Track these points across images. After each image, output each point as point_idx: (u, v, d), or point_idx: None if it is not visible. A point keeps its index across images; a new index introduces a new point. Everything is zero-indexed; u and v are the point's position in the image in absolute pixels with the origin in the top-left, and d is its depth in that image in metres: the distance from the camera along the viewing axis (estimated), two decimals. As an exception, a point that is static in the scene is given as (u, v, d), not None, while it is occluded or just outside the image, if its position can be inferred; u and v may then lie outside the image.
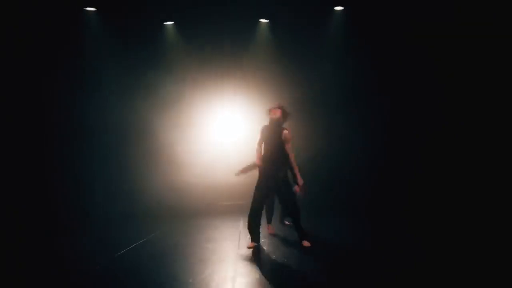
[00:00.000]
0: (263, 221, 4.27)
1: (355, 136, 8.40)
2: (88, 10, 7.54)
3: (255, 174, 4.21)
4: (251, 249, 3.95)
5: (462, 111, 7.29)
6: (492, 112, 6.91)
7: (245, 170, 4.24)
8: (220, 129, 8.23)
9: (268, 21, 8.03)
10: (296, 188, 4.11)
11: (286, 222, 5.12)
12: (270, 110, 4.22)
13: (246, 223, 4.10)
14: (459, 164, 7.18)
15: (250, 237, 4.10)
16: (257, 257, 3.69)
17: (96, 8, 7.50)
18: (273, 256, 3.66)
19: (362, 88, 8.42)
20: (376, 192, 7.88)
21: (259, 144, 4.25)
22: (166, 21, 7.90)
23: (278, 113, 4.17)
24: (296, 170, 4.08)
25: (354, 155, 8.37)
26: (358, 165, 8.35)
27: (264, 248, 4.06)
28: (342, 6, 7.80)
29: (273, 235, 4.74)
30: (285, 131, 4.10)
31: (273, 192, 4.21)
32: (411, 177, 7.71)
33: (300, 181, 4.06)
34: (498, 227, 5.02)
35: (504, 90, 6.74)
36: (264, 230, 4.55)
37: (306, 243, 4.00)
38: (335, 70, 8.09)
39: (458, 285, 2.82)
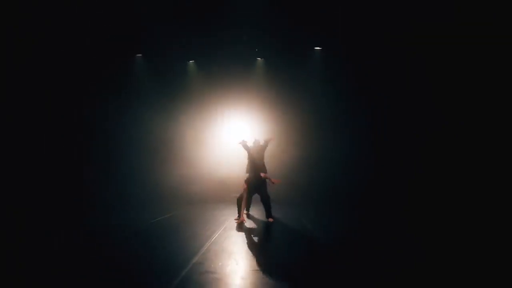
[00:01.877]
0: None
1: (355, 136, 8.42)
2: (136, 56, 10.58)
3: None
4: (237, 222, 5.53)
5: (462, 111, 7.29)
6: (492, 112, 6.91)
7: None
8: (229, 138, 10.16)
9: (262, 59, 10.65)
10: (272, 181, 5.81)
11: (270, 220, 5.78)
12: (255, 142, 6.16)
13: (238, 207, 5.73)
14: (459, 164, 7.18)
15: (238, 213, 5.72)
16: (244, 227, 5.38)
17: (141, 54, 10.58)
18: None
19: (362, 90, 8.47)
20: (376, 192, 7.89)
21: (245, 144, 6.06)
22: (189, 60, 10.74)
23: (259, 146, 6.09)
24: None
25: (354, 155, 8.39)
26: (358, 165, 8.37)
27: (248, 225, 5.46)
28: (320, 47, 10.04)
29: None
30: (262, 143, 6.10)
31: (257, 190, 5.87)
32: (411, 177, 7.72)
33: (274, 180, 5.82)
34: (498, 226, 5.03)
35: (504, 90, 6.74)
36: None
37: (270, 219, 5.75)
38: (320, 90, 9.89)
39: (458, 285, 2.82)
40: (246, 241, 4.26)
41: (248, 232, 4.83)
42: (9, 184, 8.15)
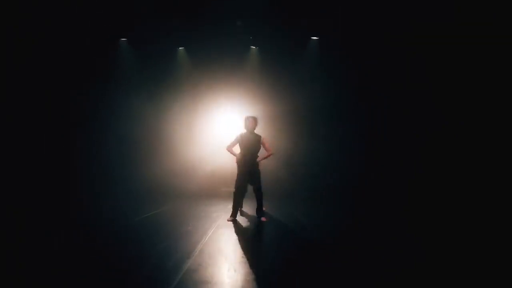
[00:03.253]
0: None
1: (354, 137, 8.42)
2: (121, 40, 9.74)
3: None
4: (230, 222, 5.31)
5: (462, 111, 7.29)
6: (492, 112, 6.91)
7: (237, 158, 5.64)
8: (222, 129, 9.82)
9: (257, 47, 10.05)
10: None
11: (263, 219, 5.53)
12: (247, 119, 5.47)
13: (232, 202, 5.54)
14: (459, 164, 7.18)
15: (232, 212, 5.49)
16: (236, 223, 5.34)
17: (126, 38, 9.73)
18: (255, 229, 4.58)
19: (360, 88, 8.47)
20: (376, 192, 7.89)
21: (232, 145, 5.53)
22: (179, 47, 10.05)
23: (253, 122, 5.44)
24: (268, 156, 5.54)
25: (354, 155, 8.39)
26: (357, 165, 8.37)
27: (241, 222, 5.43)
28: (316, 36, 9.55)
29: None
30: (263, 138, 5.49)
31: (251, 180, 5.54)
32: (411, 177, 7.72)
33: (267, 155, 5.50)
34: (498, 226, 5.03)
35: (504, 90, 6.74)
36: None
37: (263, 219, 5.47)
38: (316, 84, 9.52)
39: (458, 285, 2.82)
40: (241, 241, 4.14)
41: (243, 231, 4.72)
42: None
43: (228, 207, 6.37)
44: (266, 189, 5.94)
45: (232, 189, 5.63)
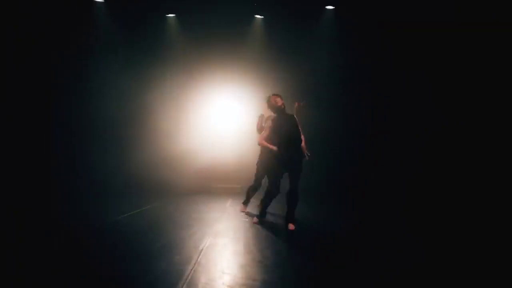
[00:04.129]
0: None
1: (354, 136, 8.40)
2: (97, 1, 7.98)
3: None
4: (255, 224, 4.71)
5: (462, 111, 7.28)
6: (492, 112, 6.91)
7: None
8: (216, 117, 8.73)
9: (262, 17, 8.47)
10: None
11: (291, 227, 4.64)
12: (273, 99, 4.31)
13: (259, 203, 4.84)
14: (459, 164, 7.18)
15: (259, 214, 4.80)
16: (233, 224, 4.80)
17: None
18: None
19: (359, 86, 8.43)
20: (376, 192, 7.88)
21: (267, 136, 4.31)
22: (168, 14, 8.41)
23: (281, 101, 4.30)
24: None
25: (354, 154, 8.37)
26: (357, 165, 8.35)
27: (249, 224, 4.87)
28: (333, 5, 8.03)
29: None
30: (295, 116, 4.34)
31: (292, 171, 4.32)
32: (411, 177, 7.71)
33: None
34: (498, 226, 5.02)
35: (504, 89, 6.74)
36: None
37: (291, 226, 4.51)
38: (329, 66, 8.38)
39: (458, 285, 2.82)
40: (245, 253, 3.43)
41: (245, 238, 4.05)
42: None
43: (226, 206, 6.27)
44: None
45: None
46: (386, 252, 3.72)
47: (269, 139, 4.30)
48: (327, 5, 7.98)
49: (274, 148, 4.20)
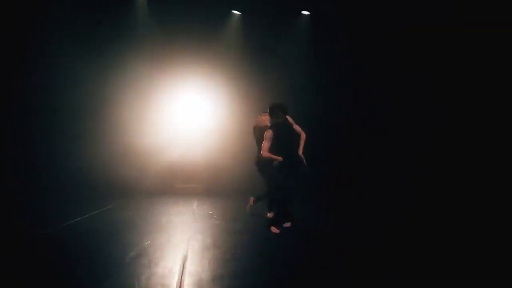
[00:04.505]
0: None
1: (354, 135, 8.39)
2: None
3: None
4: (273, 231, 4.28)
5: (462, 111, 7.28)
6: (492, 112, 6.91)
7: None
8: (182, 114, 8.26)
9: (240, 13, 8.19)
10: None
11: (286, 225, 4.78)
12: (280, 105, 4.38)
13: (272, 214, 4.74)
14: (459, 164, 7.17)
15: (256, 198, 5.00)
16: (210, 229, 4.22)
17: None
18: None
19: (359, 86, 8.44)
20: (376, 192, 7.87)
21: (269, 143, 4.28)
22: None
23: (267, 119, 4.63)
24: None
25: (353, 154, 8.36)
26: (357, 165, 8.34)
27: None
28: (308, 11, 8.10)
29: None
30: (295, 126, 4.47)
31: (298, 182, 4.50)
32: (411, 177, 7.70)
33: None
34: (498, 226, 5.02)
35: (504, 89, 6.73)
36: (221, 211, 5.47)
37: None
38: (309, 68, 8.37)
39: (458, 285, 2.81)
40: (233, 260, 2.99)
41: (226, 242, 3.59)
42: None
43: (193, 208, 5.86)
44: (257, 189, 5.47)
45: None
46: (386, 252, 3.71)
47: (271, 149, 4.34)
48: (302, 11, 8.03)
49: (279, 158, 4.21)
